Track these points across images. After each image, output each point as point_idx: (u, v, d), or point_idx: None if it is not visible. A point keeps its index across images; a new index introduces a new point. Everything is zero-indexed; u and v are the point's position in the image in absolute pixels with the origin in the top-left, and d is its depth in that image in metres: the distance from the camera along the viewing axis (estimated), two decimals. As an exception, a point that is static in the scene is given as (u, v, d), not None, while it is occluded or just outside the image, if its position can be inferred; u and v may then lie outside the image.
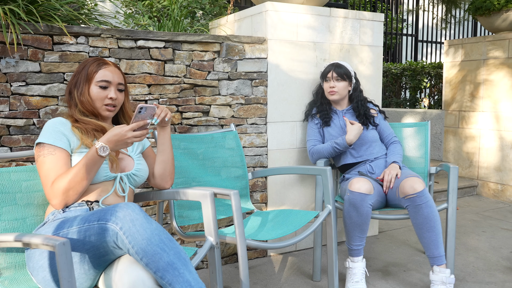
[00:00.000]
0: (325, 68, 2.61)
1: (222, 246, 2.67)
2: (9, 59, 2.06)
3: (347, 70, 2.57)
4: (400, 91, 6.72)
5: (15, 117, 2.10)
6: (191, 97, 2.51)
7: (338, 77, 2.55)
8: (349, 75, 2.58)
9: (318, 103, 2.66)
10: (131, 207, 1.33)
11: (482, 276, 2.52)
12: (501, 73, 4.21)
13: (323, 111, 2.61)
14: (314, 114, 2.65)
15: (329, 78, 2.57)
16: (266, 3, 2.65)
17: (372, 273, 2.56)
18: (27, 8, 2.07)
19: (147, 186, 2.42)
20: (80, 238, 1.34)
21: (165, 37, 2.39)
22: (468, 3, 5.30)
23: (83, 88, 1.66)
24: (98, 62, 1.69)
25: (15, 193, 1.61)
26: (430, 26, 10.40)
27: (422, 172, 2.71)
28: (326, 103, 2.64)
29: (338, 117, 2.61)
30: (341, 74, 2.54)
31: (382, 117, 2.67)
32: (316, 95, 2.71)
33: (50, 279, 1.38)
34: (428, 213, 2.17)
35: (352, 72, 2.62)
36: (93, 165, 1.51)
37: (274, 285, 2.41)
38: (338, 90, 2.56)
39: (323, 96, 2.66)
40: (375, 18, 3.00)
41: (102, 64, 1.69)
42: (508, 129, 4.17)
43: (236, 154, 2.39)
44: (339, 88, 2.56)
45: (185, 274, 1.29)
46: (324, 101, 2.65)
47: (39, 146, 1.57)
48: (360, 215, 2.22)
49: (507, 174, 4.20)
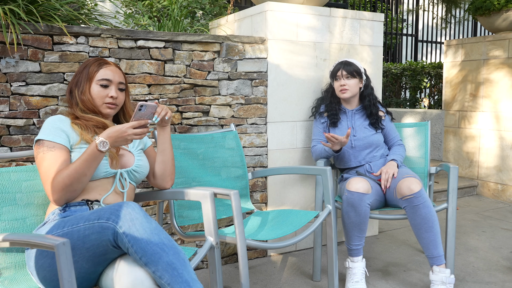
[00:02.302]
0: (334, 67, 2.56)
1: (222, 246, 2.67)
2: (9, 59, 2.06)
3: (357, 67, 2.52)
4: (400, 91, 6.72)
5: (15, 117, 2.10)
6: (191, 97, 2.51)
7: (348, 75, 2.49)
8: (359, 71, 2.52)
9: (327, 102, 2.61)
10: (131, 206, 1.33)
11: (482, 276, 2.52)
12: (501, 73, 4.21)
13: (332, 110, 2.56)
14: (321, 112, 2.61)
15: (339, 76, 2.51)
16: (266, 3, 2.65)
17: (372, 273, 2.56)
18: (27, 8, 2.07)
19: (147, 186, 2.42)
20: (80, 237, 1.34)
21: (165, 37, 2.39)
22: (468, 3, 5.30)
23: (84, 87, 1.67)
24: (99, 62, 1.70)
25: (15, 193, 1.61)
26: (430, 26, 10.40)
27: (422, 172, 2.71)
28: (336, 102, 2.59)
29: (347, 117, 2.57)
30: (351, 72, 2.49)
31: (389, 118, 2.64)
32: (326, 92, 2.66)
33: (50, 279, 1.38)
34: (426, 214, 2.17)
35: (362, 69, 2.55)
36: (93, 160, 1.51)
37: (274, 285, 2.41)
38: (350, 88, 2.50)
39: (333, 95, 2.60)
40: (375, 18, 3.00)
41: (103, 64, 1.70)
42: (508, 129, 4.17)
43: (236, 154, 2.39)
44: (350, 85, 2.50)
45: (183, 275, 1.29)
46: (334, 100, 2.59)
47: (38, 143, 1.57)
48: (359, 214, 2.22)
49: (507, 174, 4.20)
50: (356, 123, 2.54)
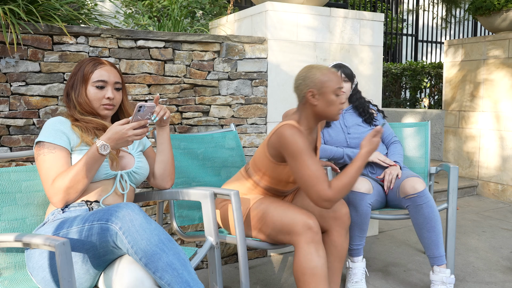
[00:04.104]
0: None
1: (222, 246, 2.67)
2: (9, 59, 2.06)
3: (351, 71, 2.55)
4: (400, 91, 6.72)
5: (15, 117, 2.10)
6: (191, 97, 2.51)
7: (346, 78, 2.51)
8: (353, 76, 2.56)
9: None
10: (130, 207, 1.33)
11: (482, 276, 2.52)
12: (501, 73, 4.21)
13: None
14: None
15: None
16: (266, 3, 2.65)
17: (372, 273, 2.56)
18: (27, 8, 2.07)
19: (147, 186, 2.42)
20: (80, 238, 1.34)
21: (165, 37, 2.39)
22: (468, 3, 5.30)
23: (80, 89, 1.65)
24: (94, 62, 1.68)
25: (15, 193, 1.61)
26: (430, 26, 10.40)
27: (422, 172, 2.71)
28: None
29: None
30: (348, 75, 2.51)
31: (381, 116, 2.67)
32: None
33: (50, 279, 1.38)
34: (429, 213, 2.18)
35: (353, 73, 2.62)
36: (94, 163, 1.51)
37: (274, 285, 2.41)
38: (346, 91, 2.53)
39: None
40: (375, 18, 3.00)
41: (98, 64, 1.67)
42: (508, 129, 4.17)
43: (236, 154, 2.39)
44: (346, 88, 2.52)
45: (184, 275, 1.29)
46: None
47: (38, 145, 1.57)
48: (359, 214, 2.22)
49: (507, 174, 4.20)
50: (348, 122, 2.57)
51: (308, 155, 1.72)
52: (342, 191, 1.69)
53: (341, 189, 1.68)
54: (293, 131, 1.74)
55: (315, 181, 1.69)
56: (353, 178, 1.70)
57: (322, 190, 1.68)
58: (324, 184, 1.68)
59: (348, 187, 1.69)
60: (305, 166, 1.71)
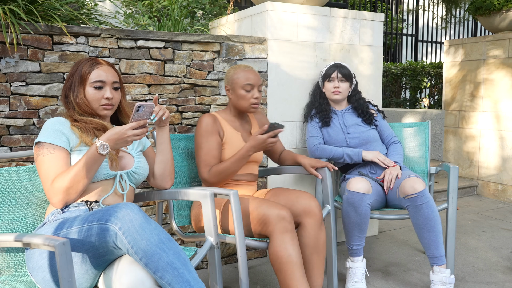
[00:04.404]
0: (328, 69, 2.59)
1: (222, 246, 2.67)
2: (9, 59, 2.06)
3: (349, 71, 2.58)
4: (400, 91, 6.72)
5: (15, 117, 2.10)
6: (191, 97, 2.51)
7: (343, 78, 2.55)
8: (351, 76, 2.59)
9: (316, 104, 2.65)
10: (130, 207, 1.33)
11: (482, 276, 2.52)
12: (501, 73, 4.21)
13: (323, 111, 2.60)
14: (313, 115, 2.64)
15: (334, 78, 2.56)
16: (266, 3, 2.65)
17: (372, 273, 2.56)
18: (27, 8, 2.07)
19: (147, 186, 2.42)
20: (80, 238, 1.34)
21: (165, 37, 2.39)
22: (468, 3, 5.30)
23: (78, 90, 1.65)
24: (91, 63, 1.67)
25: (15, 193, 1.61)
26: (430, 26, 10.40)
27: (422, 172, 2.71)
28: (325, 103, 2.63)
29: (338, 117, 2.60)
30: (345, 75, 2.55)
31: (381, 116, 2.67)
32: (313, 96, 2.70)
33: (50, 279, 1.38)
34: (429, 213, 2.18)
35: (352, 73, 2.63)
36: (93, 163, 1.50)
37: (274, 285, 2.41)
38: (342, 91, 2.56)
39: (321, 97, 2.65)
40: (375, 18, 3.00)
41: (95, 64, 1.67)
42: (509, 129, 4.17)
43: (236, 154, 2.39)
44: (343, 88, 2.56)
45: (184, 274, 1.29)
46: (323, 101, 2.64)
47: (38, 145, 1.57)
48: (359, 214, 2.22)
49: (507, 174, 4.20)
50: (347, 121, 2.57)
51: (205, 139, 2.03)
52: (218, 176, 2.00)
53: (216, 174, 2.00)
54: (204, 119, 2.06)
55: (201, 163, 2.03)
56: (231, 166, 1.98)
57: (203, 172, 2.03)
58: (206, 167, 2.02)
59: (224, 174, 1.99)
60: (199, 147, 2.05)
